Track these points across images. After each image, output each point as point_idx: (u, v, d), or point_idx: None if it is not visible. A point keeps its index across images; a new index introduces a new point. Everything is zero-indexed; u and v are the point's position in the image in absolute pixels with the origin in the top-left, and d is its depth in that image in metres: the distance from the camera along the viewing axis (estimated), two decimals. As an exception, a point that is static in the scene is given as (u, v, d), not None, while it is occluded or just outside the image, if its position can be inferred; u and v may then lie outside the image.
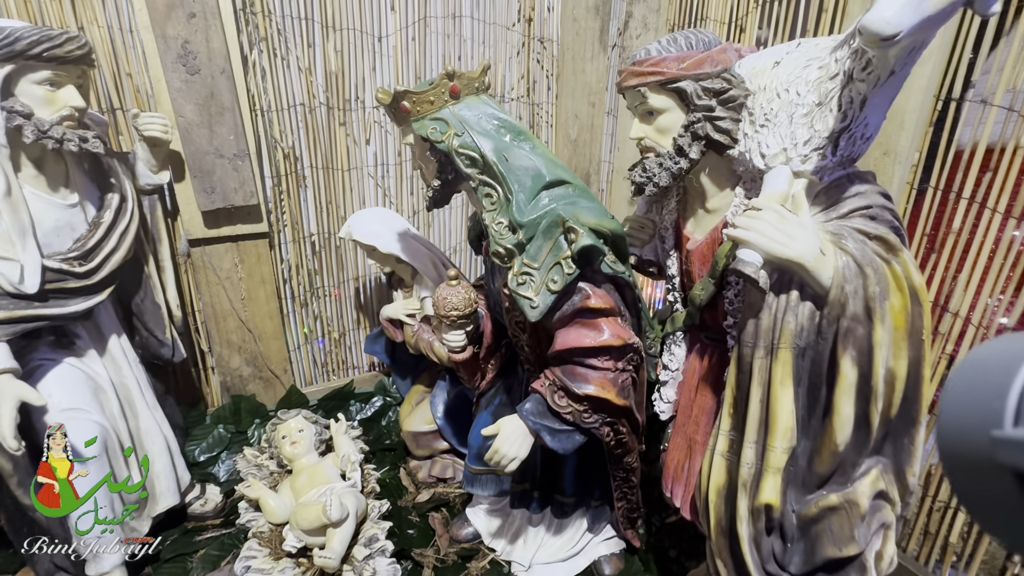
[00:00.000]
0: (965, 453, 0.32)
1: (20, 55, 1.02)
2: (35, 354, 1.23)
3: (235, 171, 1.61)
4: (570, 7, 2.12)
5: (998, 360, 0.32)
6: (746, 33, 1.66)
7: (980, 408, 0.31)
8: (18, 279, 1.10)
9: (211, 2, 1.47)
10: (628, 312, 1.08)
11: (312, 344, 2.14)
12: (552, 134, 2.37)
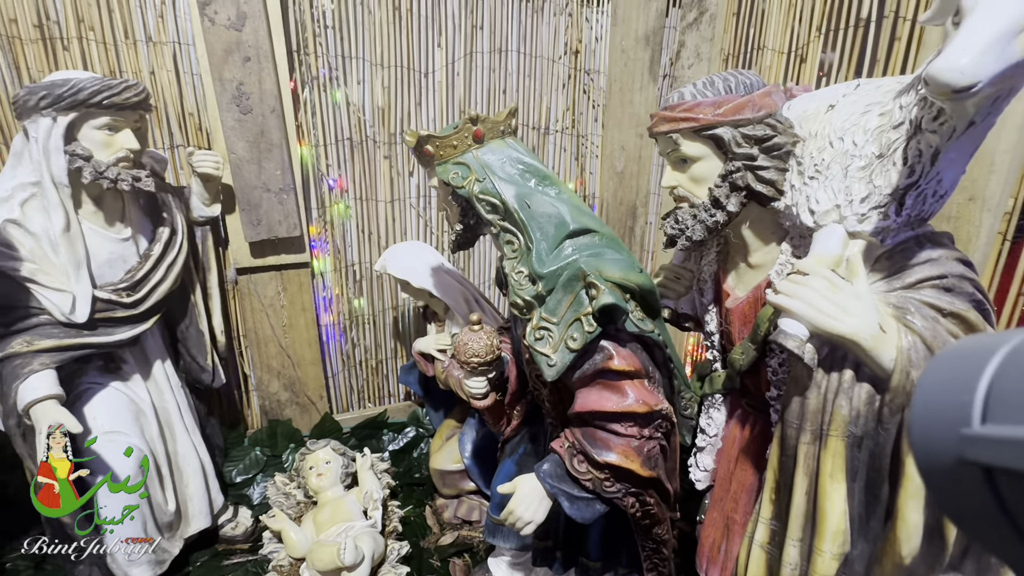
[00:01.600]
0: (936, 451, 0.31)
1: (83, 103, 1.11)
2: (84, 378, 1.30)
3: (280, 204, 1.67)
4: (618, 38, 2.07)
5: (966, 358, 0.32)
6: (807, 63, 1.53)
7: (949, 406, 0.31)
8: (69, 309, 1.17)
9: (265, 46, 1.55)
10: (658, 373, 0.98)
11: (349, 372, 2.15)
12: (598, 165, 2.30)
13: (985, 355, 0.30)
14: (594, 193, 2.34)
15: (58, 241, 1.15)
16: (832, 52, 1.47)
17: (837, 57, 1.45)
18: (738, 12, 1.82)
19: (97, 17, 1.52)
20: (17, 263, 1.10)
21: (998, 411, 0.29)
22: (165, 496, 1.46)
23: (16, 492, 1.63)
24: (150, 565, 1.41)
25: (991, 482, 0.28)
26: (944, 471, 0.31)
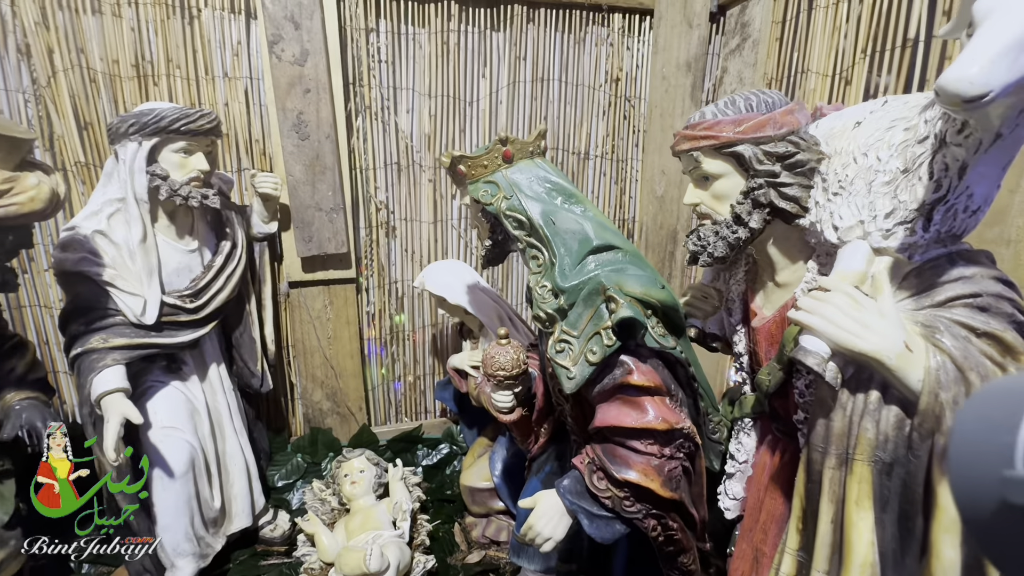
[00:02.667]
0: (977, 493, 0.31)
1: (164, 130, 1.26)
2: (149, 376, 1.43)
3: (330, 223, 1.79)
4: (659, 65, 2.11)
5: (1005, 397, 0.32)
6: (852, 86, 1.50)
7: (990, 447, 0.30)
8: (141, 311, 1.30)
9: (324, 79, 1.70)
10: (681, 392, 0.97)
11: (388, 385, 2.23)
12: (637, 190, 2.31)
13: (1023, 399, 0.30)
14: (634, 217, 2.35)
15: (135, 250, 1.30)
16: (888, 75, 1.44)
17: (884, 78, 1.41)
18: (781, 37, 1.81)
19: (183, 57, 1.73)
20: (101, 268, 1.25)
21: None
22: (212, 493, 1.55)
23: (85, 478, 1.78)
24: (194, 558, 1.49)
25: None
26: (986, 513, 0.31)
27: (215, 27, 1.74)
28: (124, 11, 1.66)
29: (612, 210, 2.33)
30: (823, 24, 1.61)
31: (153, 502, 1.41)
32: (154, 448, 1.38)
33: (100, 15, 1.65)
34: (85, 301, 1.26)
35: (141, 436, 1.37)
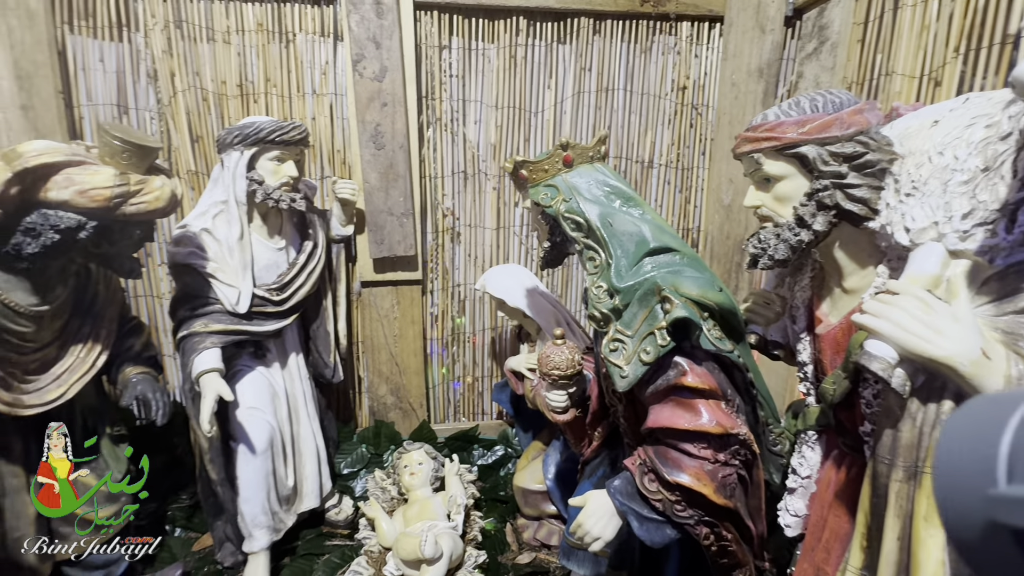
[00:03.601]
0: (963, 511, 0.31)
1: (261, 140, 1.42)
2: (239, 361, 1.59)
3: (400, 227, 1.91)
4: (728, 72, 2.06)
5: (987, 414, 0.32)
6: (942, 87, 1.40)
7: (973, 467, 0.31)
8: (235, 301, 1.46)
9: (399, 93, 1.82)
10: (738, 398, 0.95)
11: (448, 384, 2.31)
12: (703, 199, 2.26)
13: (1005, 413, 0.30)
14: (699, 226, 2.30)
15: (234, 247, 1.46)
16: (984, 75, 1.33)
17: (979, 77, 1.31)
18: (863, 38, 1.72)
19: (279, 77, 1.93)
20: (205, 262, 1.42)
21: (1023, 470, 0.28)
22: (286, 472, 1.69)
23: (182, 452, 2.00)
24: (268, 530, 1.62)
25: (1022, 544, 0.28)
26: (972, 533, 0.31)
27: (307, 49, 1.93)
28: (232, 38, 1.89)
29: (676, 219, 2.29)
30: (910, 23, 1.52)
31: (237, 475, 1.55)
32: (239, 425, 1.53)
33: (213, 43, 1.88)
34: (191, 290, 1.44)
35: (230, 414, 1.53)
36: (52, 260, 1.09)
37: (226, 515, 1.59)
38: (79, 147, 1.07)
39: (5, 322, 1.08)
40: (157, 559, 1.69)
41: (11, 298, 1.07)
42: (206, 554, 1.71)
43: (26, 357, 1.15)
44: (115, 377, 1.36)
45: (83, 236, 1.06)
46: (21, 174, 0.96)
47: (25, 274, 1.09)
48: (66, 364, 1.23)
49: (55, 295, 1.16)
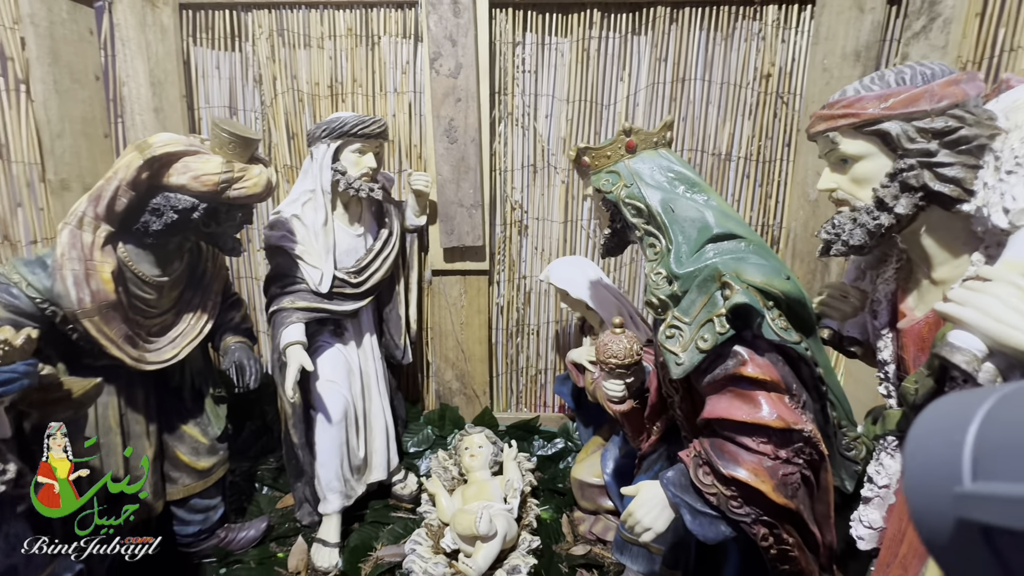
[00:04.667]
0: (933, 512, 0.31)
1: (345, 134, 1.54)
2: (320, 337, 1.73)
3: (469, 217, 1.98)
4: (819, 57, 1.92)
5: (951, 414, 0.32)
6: (1080, 59, 1.22)
7: (939, 466, 0.31)
8: (319, 281, 1.59)
9: (473, 89, 1.89)
10: (805, 394, 0.89)
11: (512, 374, 2.36)
12: (787, 193, 2.12)
13: (969, 410, 0.30)
14: (780, 222, 2.16)
15: (319, 232, 1.60)
16: None
17: None
18: (983, 11, 1.53)
19: (364, 77, 2.07)
20: (294, 245, 1.57)
21: (988, 467, 0.28)
22: (358, 443, 1.81)
23: (272, 420, 2.21)
24: (341, 496, 1.75)
25: (990, 542, 0.28)
26: (944, 536, 0.31)
27: (390, 51, 2.06)
28: (325, 43, 2.06)
29: (754, 215, 2.17)
30: (1042, -10, 1.34)
31: (315, 441, 1.69)
32: (318, 396, 1.67)
33: (309, 48, 2.07)
34: (282, 269, 1.59)
35: (310, 384, 1.67)
36: (171, 237, 1.26)
37: (305, 478, 1.74)
38: (195, 139, 1.24)
39: (134, 289, 1.27)
40: (247, 512, 1.89)
41: (139, 269, 1.26)
42: (287, 512, 1.88)
43: (149, 321, 1.34)
44: (218, 344, 1.55)
45: (196, 216, 1.22)
46: (150, 161, 1.13)
47: (150, 249, 1.27)
48: (179, 329, 1.42)
49: (173, 268, 1.34)
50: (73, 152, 1.83)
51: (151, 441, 1.44)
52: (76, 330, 1.18)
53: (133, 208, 1.19)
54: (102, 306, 1.17)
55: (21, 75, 1.72)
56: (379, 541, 1.74)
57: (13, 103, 1.71)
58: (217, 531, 1.68)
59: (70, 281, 1.11)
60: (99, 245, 1.14)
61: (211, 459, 1.58)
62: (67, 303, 1.12)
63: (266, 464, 2.11)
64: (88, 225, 1.13)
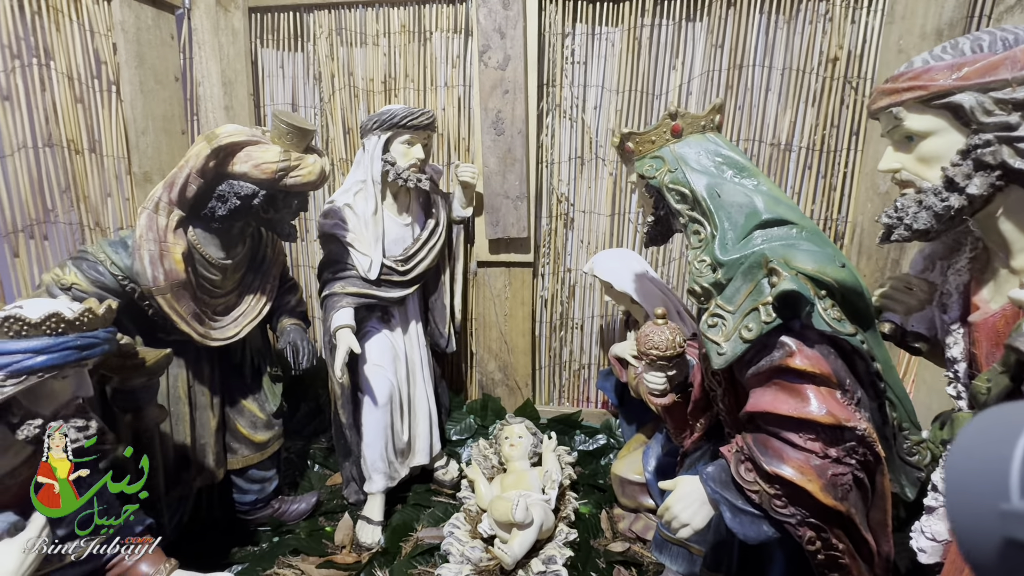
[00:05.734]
0: (976, 531, 0.30)
1: (395, 125, 1.59)
2: (369, 323, 1.80)
3: (515, 209, 1.99)
4: (894, 37, 1.78)
5: (998, 428, 0.31)
6: None
7: (984, 482, 0.29)
8: (367, 268, 1.66)
9: (521, 81, 1.90)
10: (860, 391, 0.84)
11: (555, 367, 2.35)
12: (854, 185, 1.99)
13: (1018, 423, 0.29)
14: (846, 216, 2.02)
15: (369, 221, 1.66)
16: None
17: None
18: (1091, -21, 1.37)
19: (416, 73, 2.13)
20: (346, 232, 1.64)
21: None
22: (402, 427, 1.87)
23: (324, 402, 2.32)
24: (385, 476, 1.81)
25: None
26: (988, 552, 0.29)
27: (441, 46, 2.10)
28: (380, 41, 2.13)
29: (816, 208, 2.05)
30: None
31: (362, 423, 1.76)
32: (365, 379, 1.74)
33: (364, 46, 2.15)
34: (334, 256, 1.67)
35: (358, 367, 1.74)
36: (234, 222, 1.36)
37: (352, 457, 1.82)
38: (256, 130, 1.32)
39: (202, 270, 1.37)
40: (299, 487, 2.00)
41: (206, 251, 1.36)
42: (335, 489, 1.97)
43: (214, 300, 1.45)
44: (275, 325, 1.64)
45: (256, 202, 1.30)
46: (217, 150, 1.21)
47: (216, 233, 1.37)
48: (241, 310, 1.52)
49: (236, 252, 1.44)
50: (155, 147, 2.00)
51: (214, 413, 1.55)
52: (151, 306, 1.29)
53: (202, 194, 1.29)
54: (174, 284, 1.27)
55: (112, 77, 1.90)
56: (420, 523, 1.79)
57: (105, 103, 1.88)
58: (271, 502, 1.78)
59: (147, 260, 1.22)
60: (172, 228, 1.25)
61: (267, 433, 1.68)
62: (144, 280, 1.23)
63: (318, 444, 2.22)
64: (163, 209, 1.24)
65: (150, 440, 1.34)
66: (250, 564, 1.59)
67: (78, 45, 1.78)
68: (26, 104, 1.63)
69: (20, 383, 0.83)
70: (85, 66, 1.80)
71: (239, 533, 1.72)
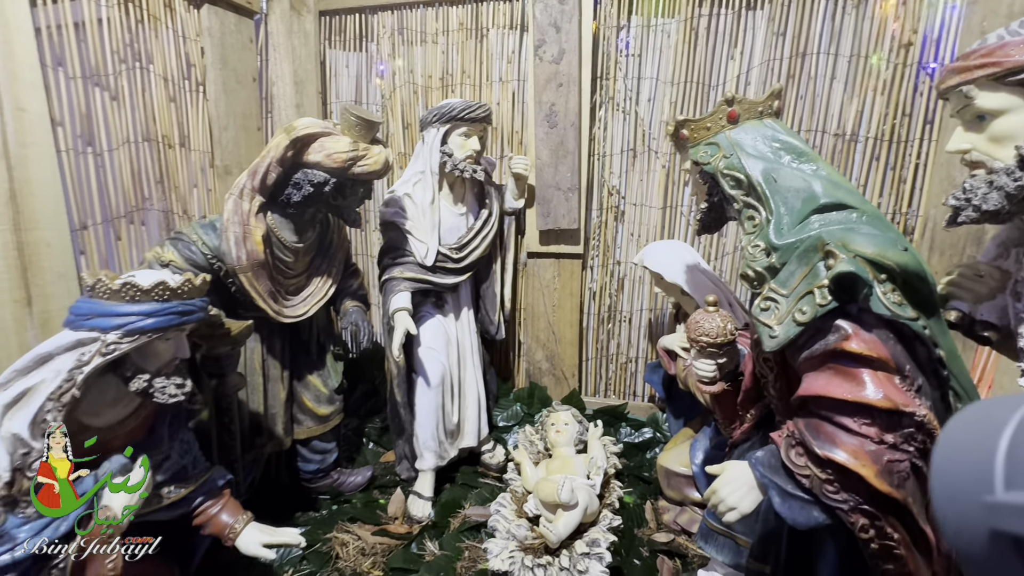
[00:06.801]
0: (962, 521, 0.31)
1: (454, 118, 1.66)
2: (424, 308, 1.88)
3: (566, 200, 2.02)
4: (977, 19, 1.68)
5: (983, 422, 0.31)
6: None
7: (970, 474, 0.30)
8: (424, 255, 1.74)
9: (575, 74, 1.93)
10: (921, 378, 0.82)
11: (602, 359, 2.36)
12: (926, 177, 1.88)
13: (1003, 416, 0.29)
14: (916, 210, 1.92)
15: (426, 210, 1.75)
16: None
17: None
18: None
19: (473, 69, 2.20)
20: (405, 220, 1.73)
21: (1022, 477, 0.28)
22: (452, 409, 1.95)
23: (379, 384, 2.45)
24: (435, 455, 1.89)
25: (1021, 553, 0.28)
26: (974, 544, 0.30)
27: (497, 42, 2.16)
28: (439, 38, 2.22)
29: (884, 201, 1.96)
30: None
31: (415, 403, 1.86)
32: (419, 360, 1.82)
33: (424, 44, 2.24)
34: (393, 242, 1.77)
35: (413, 349, 1.83)
36: (307, 208, 1.47)
37: (405, 435, 1.91)
38: (328, 122, 1.42)
39: (277, 252, 1.49)
40: (356, 461, 2.13)
41: (282, 235, 1.48)
42: (389, 466, 2.08)
43: (287, 281, 1.57)
44: (338, 307, 1.76)
45: (327, 190, 1.40)
46: (294, 141, 1.33)
47: (290, 218, 1.49)
48: (309, 290, 1.64)
49: (307, 236, 1.56)
50: (235, 143, 2.18)
51: (284, 385, 1.69)
52: (234, 283, 1.42)
53: (280, 182, 1.41)
54: (254, 264, 1.40)
55: (200, 79, 2.08)
56: (467, 501, 1.86)
57: (194, 102, 2.07)
58: (331, 473, 1.91)
59: (232, 241, 1.35)
60: (254, 212, 1.37)
61: (329, 407, 1.80)
62: (229, 260, 1.37)
63: (372, 424, 2.34)
64: (247, 195, 1.36)
65: (229, 405, 1.48)
66: (312, 527, 1.72)
67: (172, 49, 1.97)
68: (129, 103, 1.83)
69: (133, 341, 0.96)
70: (177, 68, 1.99)
71: (302, 499, 1.86)
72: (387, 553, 1.62)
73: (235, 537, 1.22)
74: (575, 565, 1.46)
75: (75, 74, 1.64)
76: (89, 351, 0.92)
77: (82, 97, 1.68)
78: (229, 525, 1.23)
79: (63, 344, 0.93)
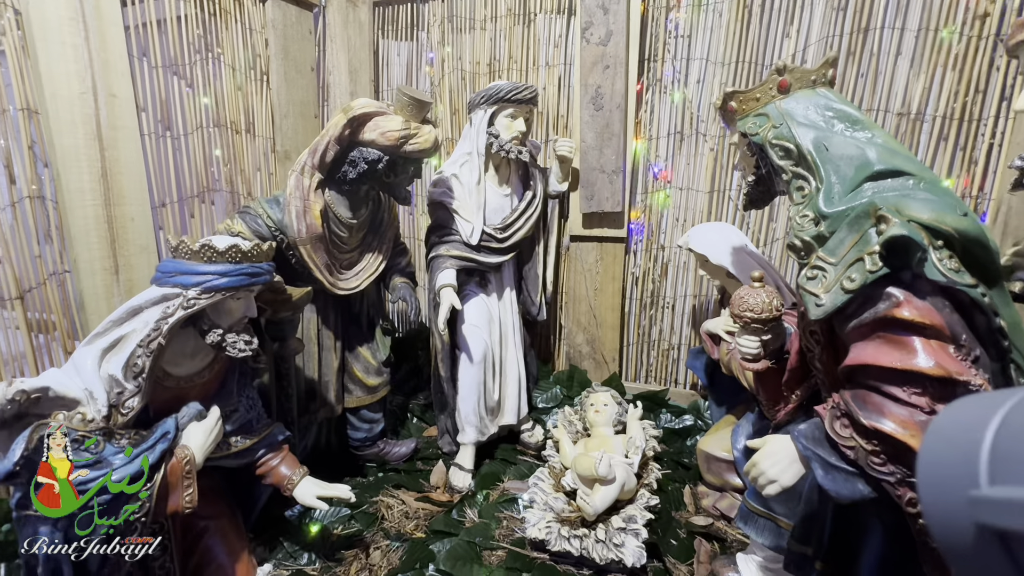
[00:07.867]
0: (947, 516, 0.31)
1: (500, 99, 1.70)
2: (467, 287, 1.94)
3: (609, 183, 2.02)
4: (1064, -15, 1.55)
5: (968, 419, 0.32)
6: None
7: (955, 469, 0.31)
8: (470, 234, 1.80)
9: (622, 56, 1.93)
10: (979, 348, 0.79)
11: (643, 344, 2.35)
12: (1000, 157, 1.76)
13: (988, 411, 0.30)
14: (988, 193, 1.80)
15: (473, 190, 1.80)
16: None
17: None
18: None
19: (520, 54, 2.23)
20: (452, 200, 1.79)
21: (1007, 470, 0.28)
22: (493, 386, 2.00)
23: (423, 362, 2.54)
24: (476, 430, 1.95)
25: (1008, 548, 0.28)
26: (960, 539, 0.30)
27: (544, 27, 2.18)
28: (488, 25, 2.26)
29: (952, 184, 1.84)
30: None
31: (458, 378, 1.92)
32: (463, 337, 1.88)
33: (472, 31, 2.29)
34: (441, 221, 1.83)
35: (457, 326, 1.90)
36: (361, 185, 1.55)
37: (448, 410, 1.98)
38: (382, 103, 1.50)
39: (333, 227, 1.59)
40: (400, 434, 2.22)
41: (337, 211, 1.57)
42: (431, 440, 2.16)
43: (341, 255, 1.67)
44: (388, 283, 1.85)
45: (380, 167, 1.48)
46: (351, 120, 1.41)
47: (346, 195, 1.58)
48: (362, 265, 1.73)
49: (360, 213, 1.64)
50: (294, 129, 2.31)
51: (336, 355, 1.79)
52: (294, 255, 1.53)
53: (337, 160, 1.49)
54: (313, 237, 1.49)
55: (264, 68, 2.22)
56: (506, 476, 1.92)
57: (258, 91, 2.21)
58: (378, 442, 2.01)
59: (294, 215, 1.45)
60: (313, 188, 1.46)
61: (378, 379, 1.89)
62: (291, 232, 1.47)
63: (416, 400, 2.44)
64: (307, 172, 1.46)
65: (288, 370, 1.59)
66: (359, 491, 1.81)
67: (240, 41, 2.10)
68: (202, 91, 1.97)
69: (210, 298, 1.06)
70: (244, 59, 2.13)
71: (350, 465, 1.96)
72: (429, 518, 1.70)
73: (293, 487, 1.32)
74: (611, 538, 1.48)
75: (156, 64, 1.80)
76: (173, 304, 1.03)
77: (162, 85, 1.83)
78: (288, 476, 1.33)
79: (151, 298, 1.04)
